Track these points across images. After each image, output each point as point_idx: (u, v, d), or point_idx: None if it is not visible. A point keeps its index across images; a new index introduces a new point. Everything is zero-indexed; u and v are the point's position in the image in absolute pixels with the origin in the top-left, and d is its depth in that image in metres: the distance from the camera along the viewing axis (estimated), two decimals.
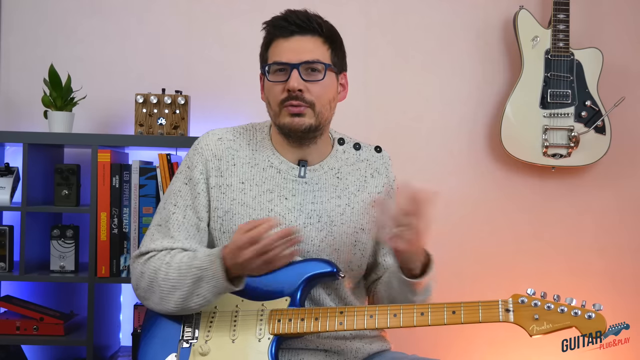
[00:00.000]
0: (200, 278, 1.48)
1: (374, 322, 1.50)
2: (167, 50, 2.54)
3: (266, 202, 1.60)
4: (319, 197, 1.63)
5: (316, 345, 1.60)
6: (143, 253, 1.60)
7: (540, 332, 1.41)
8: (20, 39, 2.51)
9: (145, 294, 1.57)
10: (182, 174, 1.65)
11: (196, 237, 1.60)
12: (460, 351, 2.56)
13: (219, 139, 1.65)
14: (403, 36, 2.60)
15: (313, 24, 1.57)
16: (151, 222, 1.66)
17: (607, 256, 2.61)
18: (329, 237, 1.62)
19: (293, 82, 1.54)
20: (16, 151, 2.37)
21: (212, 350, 1.53)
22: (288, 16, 1.58)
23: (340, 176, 1.66)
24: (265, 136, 1.67)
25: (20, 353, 2.29)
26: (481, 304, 1.45)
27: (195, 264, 1.49)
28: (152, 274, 1.54)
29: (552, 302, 1.43)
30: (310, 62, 1.56)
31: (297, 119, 1.56)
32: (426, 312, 1.48)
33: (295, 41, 1.57)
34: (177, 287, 1.51)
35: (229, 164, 1.63)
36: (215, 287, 1.48)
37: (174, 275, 1.51)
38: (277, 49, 1.58)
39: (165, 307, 1.54)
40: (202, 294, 1.49)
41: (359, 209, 1.66)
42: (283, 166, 1.63)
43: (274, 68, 1.58)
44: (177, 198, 1.62)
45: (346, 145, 1.71)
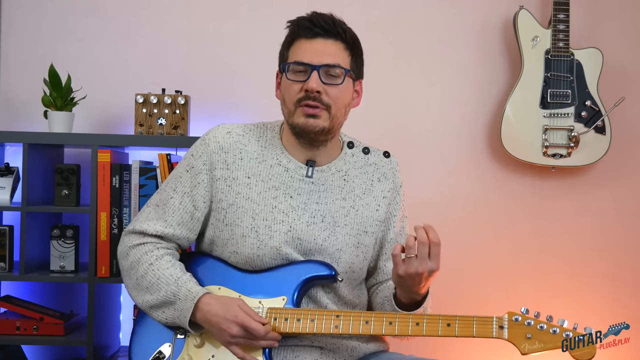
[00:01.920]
0: (172, 302, 1.55)
1: (369, 329, 1.51)
2: (167, 50, 2.54)
3: (271, 199, 1.61)
4: (324, 198, 1.63)
5: (311, 342, 1.60)
6: (136, 231, 1.64)
7: (532, 350, 1.44)
8: (20, 39, 2.51)
9: (124, 272, 1.66)
10: (186, 160, 1.67)
11: (189, 224, 1.64)
12: (460, 351, 2.56)
13: (227, 132, 1.66)
14: (403, 37, 2.60)
15: (338, 29, 1.59)
16: (150, 198, 1.69)
17: (607, 256, 2.61)
18: (331, 237, 1.62)
19: (312, 83, 1.55)
20: (16, 151, 2.37)
21: (206, 344, 1.55)
22: (314, 18, 1.59)
23: (347, 178, 1.67)
24: (275, 135, 1.68)
25: (20, 353, 2.28)
26: (476, 319, 1.47)
27: (172, 289, 1.55)
28: (135, 264, 1.61)
29: (545, 322, 1.45)
30: (331, 66, 1.57)
31: (312, 120, 1.57)
32: (421, 323, 1.49)
33: (318, 43, 1.58)
34: (150, 292, 1.57)
35: (236, 157, 1.64)
36: (178, 318, 1.54)
37: (152, 279, 1.57)
38: (300, 49, 1.59)
39: (132, 294, 1.63)
40: (167, 314, 1.56)
41: (363, 211, 1.66)
42: (291, 165, 1.64)
43: (294, 67, 1.58)
44: (176, 183, 1.65)
45: (355, 148, 1.72)
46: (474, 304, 2.54)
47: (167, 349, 1.57)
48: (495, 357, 2.56)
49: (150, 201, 1.69)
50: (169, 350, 1.56)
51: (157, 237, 1.63)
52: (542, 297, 2.58)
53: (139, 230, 1.64)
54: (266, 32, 2.53)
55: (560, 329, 1.44)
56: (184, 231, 1.63)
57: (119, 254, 1.68)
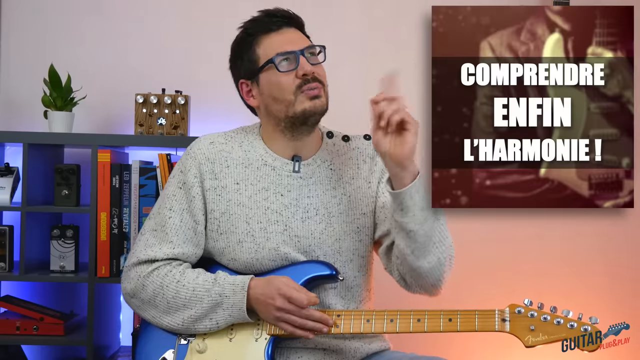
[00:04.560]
0: (219, 304, 1.52)
1: (371, 327, 1.51)
2: (167, 50, 2.54)
3: (262, 200, 1.61)
4: (314, 191, 1.63)
5: (314, 345, 1.60)
6: (143, 261, 1.59)
7: (536, 343, 1.43)
8: (20, 39, 2.51)
9: (143, 305, 1.59)
10: (176, 178, 1.65)
11: (193, 240, 1.61)
12: (460, 351, 2.56)
13: (210, 142, 1.66)
14: (404, 37, 2.59)
15: (295, 18, 1.64)
16: (143, 227, 1.65)
17: (607, 256, 2.61)
18: (328, 228, 1.62)
19: (307, 66, 1.57)
20: (16, 151, 2.37)
21: (209, 349, 1.55)
22: (270, 12, 1.64)
23: (333, 167, 1.67)
24: (256, 137, 1.68)
25: (20, 353, 2.28)
26: (478, 313, 1.47)
27: (216, 289, 1.53)
28: (158, 289, 1.56)
29: (549, 313, 1.44)
30: (312, 47, 1.62)
31: (318, 100, 1.58)
32: (423, 319, 1.49)
33: (287, 32, 1.62)
34: (189, 307, 1.54)
35: (222, 166, 1.63)
36: (232, 316, 1.52)
37: (187, 294, 1.54)
38: (275, 42, 1.60)
39: (165, 322, 1.57)
40: (216, 318, 1.53)
41: (356, 195, 1.66)
42: (277, 163, 1.64)
43: (279, 59, 1.59)
44: (172, 202, 1.62)
45: (335, 138, 1.72)
46: (472, 305, 2.53)
47: (171, 356, 1.57)
48: (495, 355, 2.56)
49: (144, 229, 1.64)
50: (172, 357, 1.56)
51: (168, 260, 1.60)
52: (542, 297, 2.57)
53: (145, 259, 1.59)
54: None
55: (564, 320, 1.42)
56: (191, 248, 1.61)
57: (132, 290, 1.59)
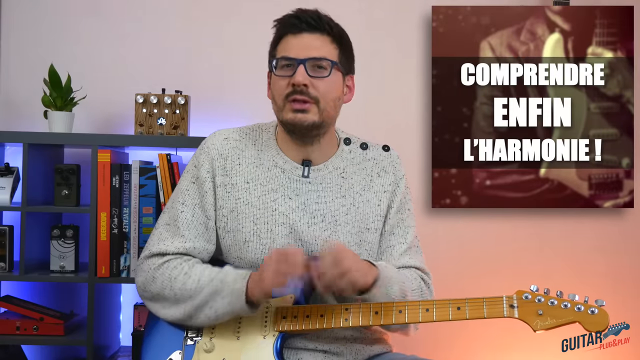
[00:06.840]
0: (218, 291, 1.52)
1: (380, 319, 1.50)
2: (167, 50, 2.54)
3: (270, 202, 1.61)
4: (323, 197, 1.63)
5: (315, 346, 1.59)
6: (155, 254, 1.60)
7: (544, 327, 1.41)
8: (20, 39, 2.51)
9: (153, 298, 1.60)
10: (189, 173, 1.66)
11: (205, 235, 1.62)
12: (460, 352, 2.56)
13: (225, 138, 1.66)
14: (404, 37, 2.59)
15: (323, 23, 1.59)
16: (158, 221, 1.67)
17: (607, 256, 2.61)
18: (333, 236, 1.62)
19: (299, 77, 1.55)
20: (16, 151, 2.37)
21: (216, 348, 1.54)
22: (299, 14, 1.60)
23: (345, 176, 1.66)
24: (270, 136, 1.68)
25: (20, 353, 2.29)
26: (486, 300, 1.46)
27: (219, 277, 1.53)
28: (167, 282, 1.57)
29: (556, 298, 1.44)
30: (317, 59, 1.57)
31: (301, 115, 1.56)
32: (431, 309, 1.48)
33: (304, 38, 1.58)
34: (193, 298, 1.54)
35: (234, 164, 1.64)
36: (230, 304, 1.51)
37: (192, 285, 1.54)
38: (286, 45, 1.59)
39: (170, 313, 1.57)
40: (215, 307, 1.52)
41: (364, 208, 1.65)
42: (287, 166, 1.64)
43: (282, 63, 1.59)
44: (185, 197, 1.63)
45: (352, 145, 1.71)
46: None
47: (178, 357, 1.57)
48: (496, 357, 2.56)
49: (158, 223, 1.66)
50: (180, 358, 1.56)
51: (179, 254, 1.61)
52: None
53: (157, 252, 1.60)
54: (266, 31, 2.52)
55: (571, 303, 1.42)
56: (203, 243, 1.62)
57: (143, 283, 1.61)
